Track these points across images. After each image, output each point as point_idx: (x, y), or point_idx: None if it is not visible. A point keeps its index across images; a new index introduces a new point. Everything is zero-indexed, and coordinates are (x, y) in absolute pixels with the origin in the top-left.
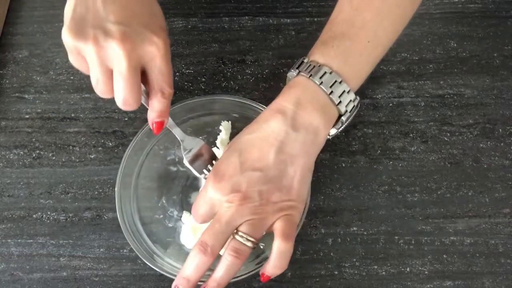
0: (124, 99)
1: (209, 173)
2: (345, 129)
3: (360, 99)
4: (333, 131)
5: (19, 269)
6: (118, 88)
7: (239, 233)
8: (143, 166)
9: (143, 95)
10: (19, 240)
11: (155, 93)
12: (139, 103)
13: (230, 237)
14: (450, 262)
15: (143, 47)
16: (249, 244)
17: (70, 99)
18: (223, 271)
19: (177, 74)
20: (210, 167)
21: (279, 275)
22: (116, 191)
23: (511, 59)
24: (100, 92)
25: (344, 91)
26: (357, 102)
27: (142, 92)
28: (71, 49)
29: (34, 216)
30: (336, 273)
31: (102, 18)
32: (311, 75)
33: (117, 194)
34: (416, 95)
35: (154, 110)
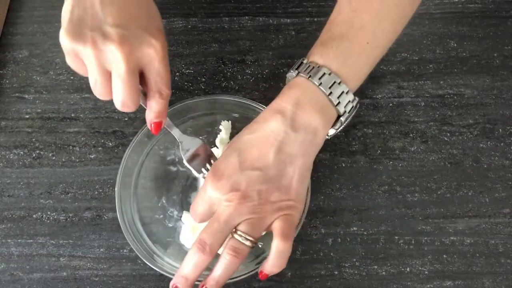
0: (123, 101)
1: (207, 172)
2: (344, 129)
3: (360, 99)
4: (332, 132)
5: (19, 269)
6: (116, 90)
7: (238, 232)
8: (143, 166)
9: (141, 96)
10: (19, 240)
11: (153, 94)
12: (137, 105)
13: (228, 236)
14: (450, 262)
15: (141, 50)
16: (248, 243)
17: (70, 99)
18: (221, 270)
19: (177, 74)
20: (209, 166)
21: (279, 275)
22: (116, 191)
23: (511, 59)
24: (98, 94)
25: (343, 92)
26: (356, 102)
27: (140, 93)
28: (69, 51)
29: (34, 216)
30: (336, 273)
31: (100, 20)
32: (310, 76)
33: (117, 194)
34: (416, 95)
35: (152, 111)
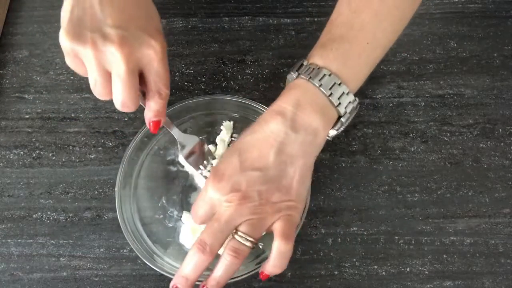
0: (123, 102)
1: (204, 169)
2: (345, 129)
3: (360, 99)
4: (333, 132)
5: (19, 269)
6: (116, 90)
7: (238, 232)
8: (143, 166)
9: (140, 96)
10: (19, 240)
11: (153, 94)
12: (137, 105)
13: (229, 236)
14: (450, 262)
15: (141, 50)
16: (248, 244)
17: (70, 99)
18: (222, 270)
19: (177, 74)
20: (206, 163)
21: (279, 275)
22: (116, 191)
23: (511, 59)
24: (98, 94)
25: (343, 93)
26: (356, 103)
27: (139, 93)
28: (69, 51)
29: (34, 216)
30: (336, 273)
31: (100, 21)
32: (310, 77)
33: (117, 194)
34: (416, 95)
35: (151, 110)
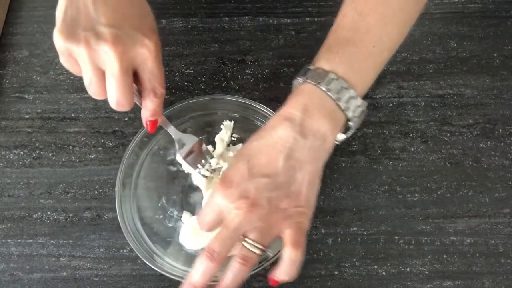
0: (117, 101)
1: (202, 168)
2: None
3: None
4: (341, 137)
5: (19, 269)
6: (111, 89)
7: (247, 240)
8: (143, 166)
9: (136, 95)
10: (19, 240)
11: (148, 93)
12: (132, 103)
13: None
14: (450, 262)
15: (134, 49)
16: (257, 251)
17: (70, 99)
18: (230, 278)
19: (177, 74)
20: (204, 161)
21: None
22: (116, 191)
23: (511, 59)
24: (93, 93)
25: (351, 97)
26: (364, 107)
27: (135, 92)
28: (62, 51)
29: (34, 216)
30: (336, 273)
31: (93, 20)
32: (318, 82)
33: (117, 194)
34: (416, 95)
35: (148, 109)
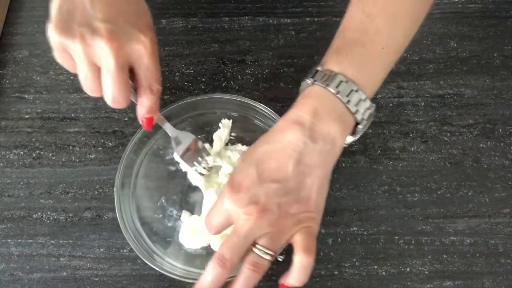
0: (113, 97)
1: (199, 166)
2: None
3: None
4: (350, 139)
5: (19, 269)
6: (106, 86)
7: (258, 246)
8: (142, 165)
9: (132, 91)
10: (19, 240)
11: (144, 90)
12: (128, 100)
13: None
14: (450, 262)
15: (130, 45)
16: (268, 257)
17: (70, 99)
18: (241, 284)
19: (177, 74)
20: (201, 159)
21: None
22: (115, 191)
23: (511, 59)
24: (88, 90)
25: (360, 99)
26: (373, 109)
27: (131, 89)
28: (57, 45)
29: (34, 216)
30: (336, 273)
31: (89, 15)
32: (327, 84)
33: (116, 194)
34: (416, 95)
35: (144, 106)
